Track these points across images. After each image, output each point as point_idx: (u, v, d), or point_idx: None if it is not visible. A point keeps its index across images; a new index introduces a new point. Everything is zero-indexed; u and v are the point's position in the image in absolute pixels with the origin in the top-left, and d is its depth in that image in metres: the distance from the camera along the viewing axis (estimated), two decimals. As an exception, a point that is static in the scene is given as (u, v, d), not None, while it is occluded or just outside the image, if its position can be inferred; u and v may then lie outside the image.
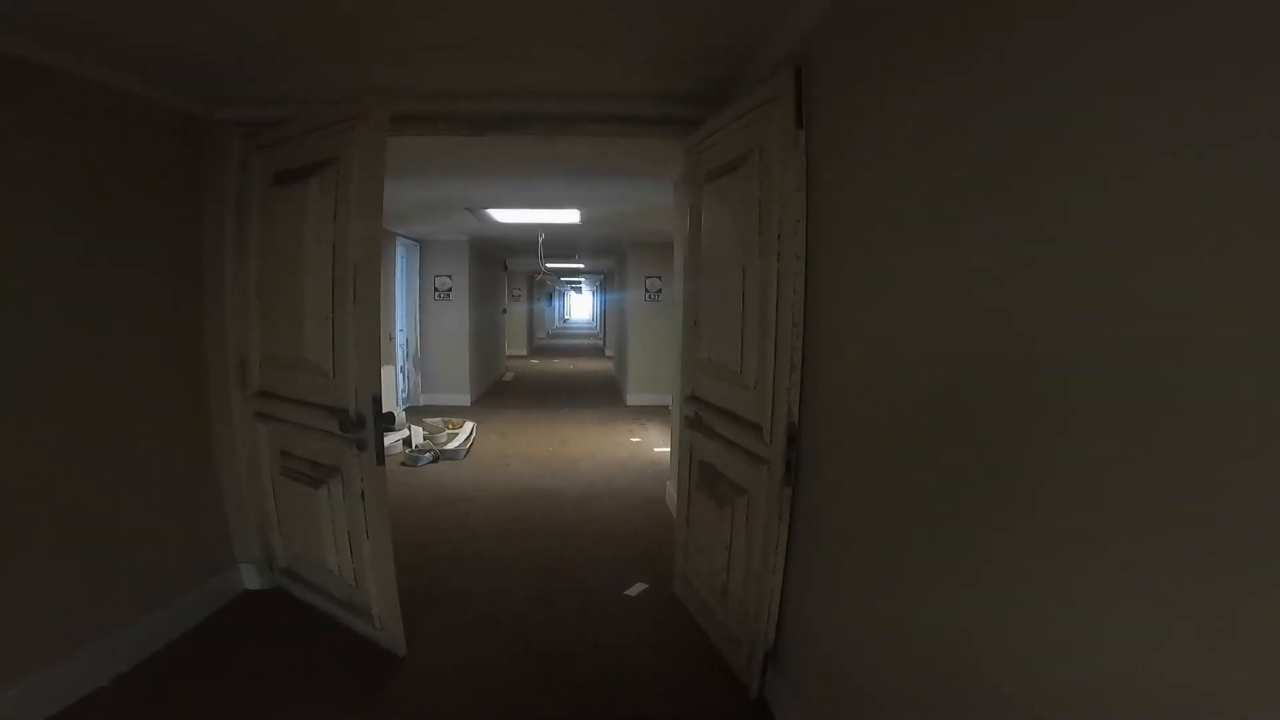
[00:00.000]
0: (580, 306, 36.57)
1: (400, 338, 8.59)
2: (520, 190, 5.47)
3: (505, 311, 13.85)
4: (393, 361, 7.90)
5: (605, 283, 19.94)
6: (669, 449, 6.99)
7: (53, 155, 2.33)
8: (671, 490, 4.94)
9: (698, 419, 2.83)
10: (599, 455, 6.57)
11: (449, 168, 4.52)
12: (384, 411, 2.41)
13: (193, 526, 3.04)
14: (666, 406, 9.20)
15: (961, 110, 1.30)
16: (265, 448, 2.98)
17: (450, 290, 9.15)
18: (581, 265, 15.54)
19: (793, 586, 2.24)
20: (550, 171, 4.64)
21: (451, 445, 6.52)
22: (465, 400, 9.23)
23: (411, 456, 6.06)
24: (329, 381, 2.53)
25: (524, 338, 17.89)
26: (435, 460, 6.16)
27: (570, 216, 6.87)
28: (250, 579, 3.32)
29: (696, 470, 2.91)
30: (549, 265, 14.39)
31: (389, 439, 6.58)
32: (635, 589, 3.55)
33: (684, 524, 3.17)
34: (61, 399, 2.36)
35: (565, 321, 34.05)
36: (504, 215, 6.74)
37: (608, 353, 17.74)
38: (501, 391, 10.89)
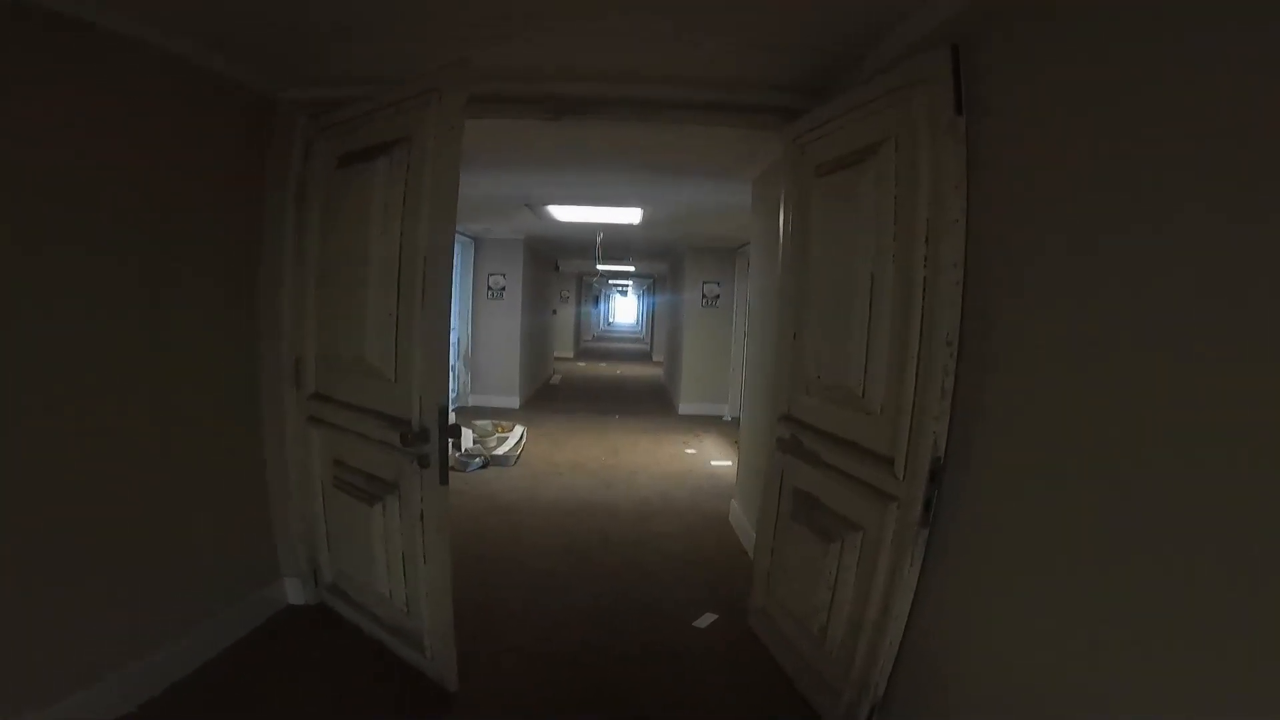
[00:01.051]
0: (625, 310, 36.37)
1: (451, 336, 8.42)
2: (583, 186, 5.21)
3: (555, 313, 13.68)
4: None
5: (654, 287, 19.67)
6: (728, 463, 6.67)
7: (112, 133, 2.13)
8: (737, 510, 4.60)
9: (795, 443, 2.50)
10: (653, 468, 6.26)
11: (514, 159, 4.27)
12: (450, 424, 2.14)
13: (237, 535, 2.83)
14: (721, 417, 8.87)
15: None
16: (318, 455, 2.75)
17: (504, 289, 8.97)
18: (632, 268, 15.29)
19: (916, 637, 1.90)
20: (618, 166, 4.36)
21: (501, 450, 6.29)
22: (514, 403, 9.03)
23: (460, 460, 5.85)
24: (391, 388, 2.27)
25: (571, 340, 17.73)
26: (485, 465, 5.94)
27: (631, 216, 6.59)
28: (294, 593, 3.10)
29: (790, 498, 2.57)
30: (602, 267, 14.17)
31: (438, 441, 6.39)
32: (704, 620, 3.23)
33: (766, 554, 2.84)
34: (104, 395, 2.16)
35: (610, 325, 33.89)
36: (564, 213, 6.50)
37: (655, 358, 17.44)
38: (550, 395, 10.68)
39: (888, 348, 1.93)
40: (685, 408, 9.08)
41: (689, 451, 6.94)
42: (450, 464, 5.87)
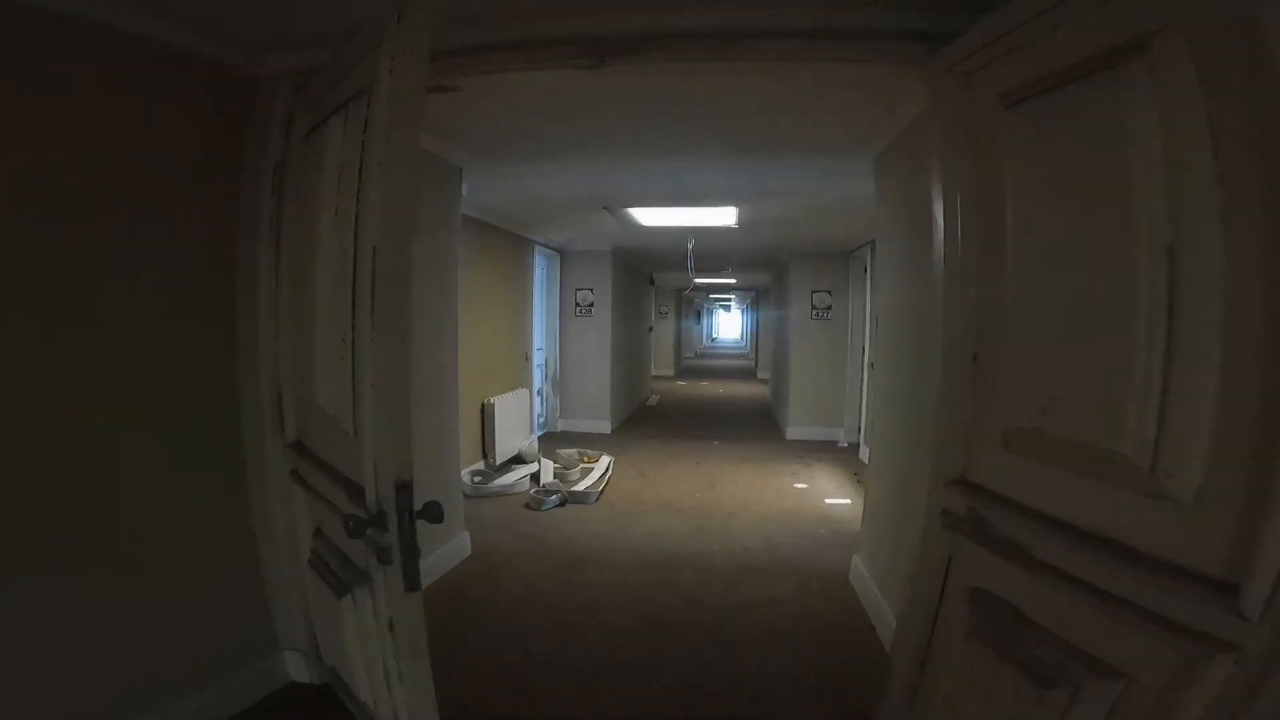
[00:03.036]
0: (728, 325, 35.35)
1: (538, 357, 7.91)
2: (662, 179, 4.44)
3: (651, 329, 13.00)
4: (528, 384, 7.19)
5: (757, 301, 18.63)
6: (846, 501, 5.65)
7: (47, 130, 1.68)
8: (861, 569, 3.63)
9: (978, 523, 1.57)
10: (755, 506, 5.34)
11: (568, 142, 3.58)
12: (432, 504, 1.42)
13: (223, 601, 2.30)
14: (835, 443, 7.78)
15: None
16: (300, 519, 2.12)
17: (592, 305, 8.36)
18: (733, 280, 14.38)
19: None
20: (697, 144, 3.56)
21: (581, 486, 5.60)
22: (605, 427, 8.37)
23: (536, 497, 5.20)
24: (350, 444, 1.58)
25: (671, 358, 17.00)
26: (563, 503, 5.25)
27: (725, 218, 5.77)
28: (296, 669, 2.52)
29: (965, 602, 1.64)
30: (698, 280, 13.38)
31: (514, 475, 5.80)
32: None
33: (913, 663, 1.91)
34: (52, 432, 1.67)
35: (713, 341, 32.98)
36: (647, 216, 5.77)
37: (760, 375, 16.38)
38: (645, 417, 9.96)
39: (1221, 387, 1.01)
40: (794, 431, 8.07)
41: (798, 486, 5.97)
42: (525, 502, 5.27)
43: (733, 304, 27.27)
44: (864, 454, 6.91)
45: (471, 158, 3.88)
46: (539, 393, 7.96)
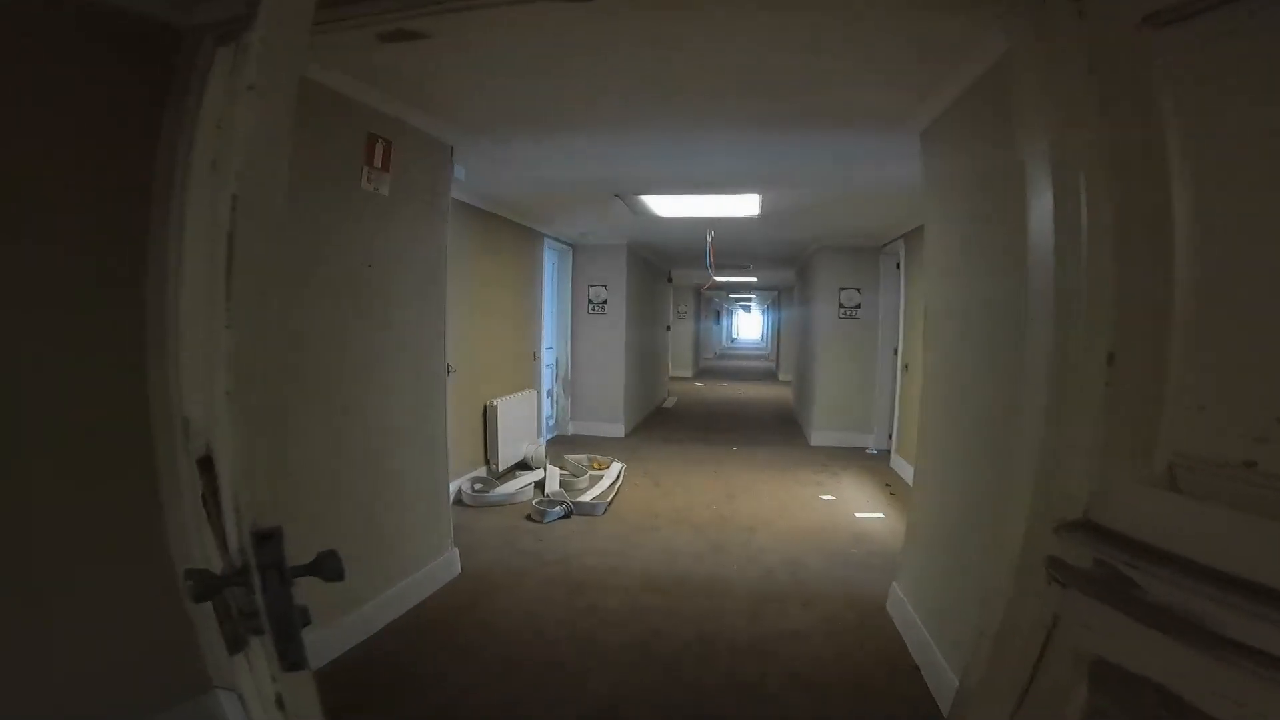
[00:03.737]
0: (749, 326, 34.78)
1: (548, 356, 7.50)
2: (679, 161, 4.01)
3: (669, 329, 12.56)
4: (536, 385, 6.78)
5: (778, 301, 18.11)
6: (879, 516, 5.16)
7: None
8: (901, 598, 3.17)
9: (1117, 582, 1.11)
10: (779, 522, 4.88)
11: (571, 111, 3.15)
12: (327, 555, 1.00)
13: (145, 636, 1.91)
14: (864, 449, 7.28)
15: None
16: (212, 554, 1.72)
17: (605, 303, 7.94)
18: (753, 279, 13.90)
19: None
20: (717, 113, 3.12)
21: (588, 496, 5.18)
22: (619, 431, 7.94)
23: (539, 509, 4.78)
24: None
25: (690, 358, 16.54)
26: (567, 515, 4.83)
27: (747, 207, 5.33)
28: (234, 711, 2.13)
29: (1090, 680, 1.18)
30: (718, 277, 12.91)
31: (516, 483, 5.39)
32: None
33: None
34: None
35: (733, 341, 32.44)
36: (663, 205, 5.34)
37: (782, 377, 15.87)
38: (661, 420, 9.51)
39: None
40: (819, 437, 7.58)
41: (825, 498, 5.49)
42: (527, 513, 4.86)
43: (753, 304, 26.75)
44: (896, 463, 6.41)
45: (462, 135, 3.47)
46: (549, 394, 7.56)
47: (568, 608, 3.41)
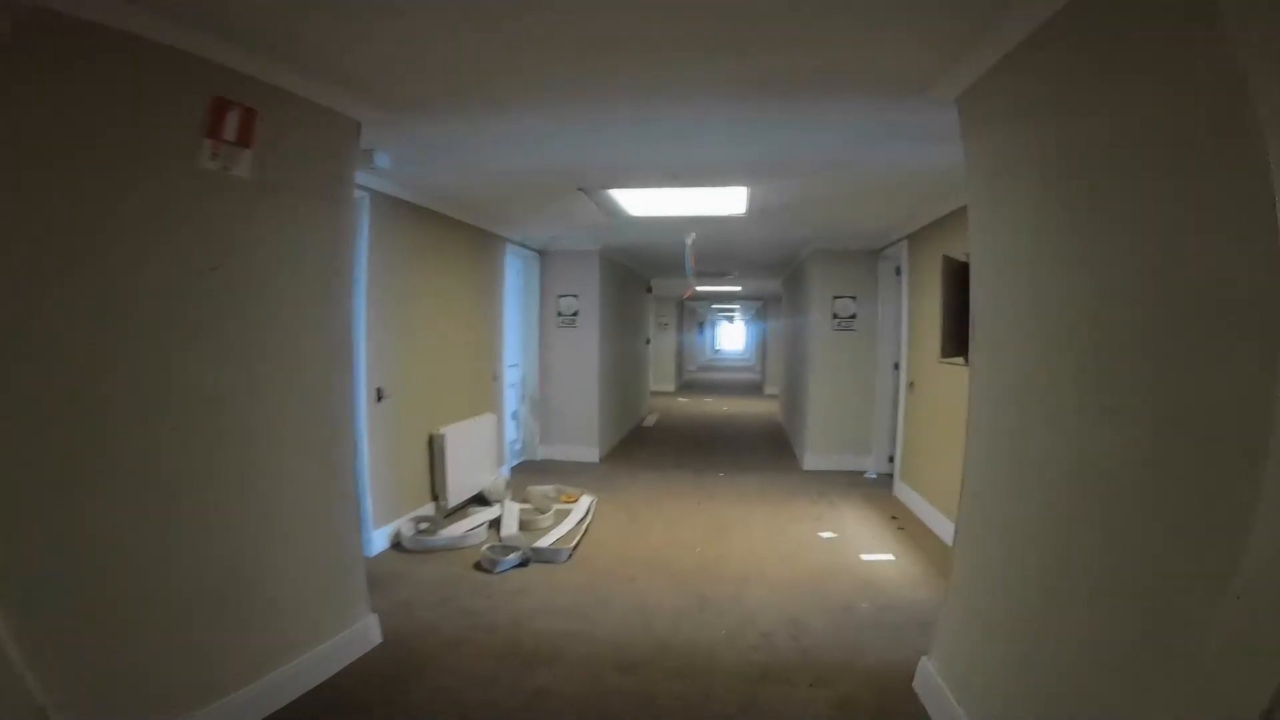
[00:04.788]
0: (732, 337, 34.19)
1: (512, 375, 6.77)
2: (652, 143, 3.33)
3: (649, 342, 11.87)
4: (496, 408, 6.05)
5: (763, 311, 17.50)
6: (887, 557, 4.42)
7: None
8: (935, 678, 2.47)
9: None
10: (774, 567, 4.17)
11: (504, 74, 2.46)
12: None
13: None
14: (862, 473, 6.60)
15: None
16: None
17: (576, 315, 7.23)
18: (737, 288, 13.27)
19: None
20: (693, 75, 2.45)
21: (550, 538, 4.44)
22: (592, 455, 7.21)
23: (490, 556, 4.04)
24: None
25: (672, 372, 15.84)
26: (524, 564, 4.09)
27: (732, 203, 4.66)
28: None
29: None
30: (699, 286, 12.25)
31: (466, 523, 4.65)
32: None
33: None
34: None
35: (717, 352, 31.82)
36: (635, 201, 4.66)
37: (768, 390, 15.22)
38: (641, 441, 8.79)
39: None
40: (812, 460, 6.90)
41: (825, 535, 4.79)
42: (476, 560, 4.11)
43: (737, 314, 26.16)
44: (901, 490, 5.74)
45: (377, 110, 2.78)
46: (513, 416, 6.82)
47: (513, 690, 2.69)
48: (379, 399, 4.12)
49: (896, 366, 6.34)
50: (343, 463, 2.78)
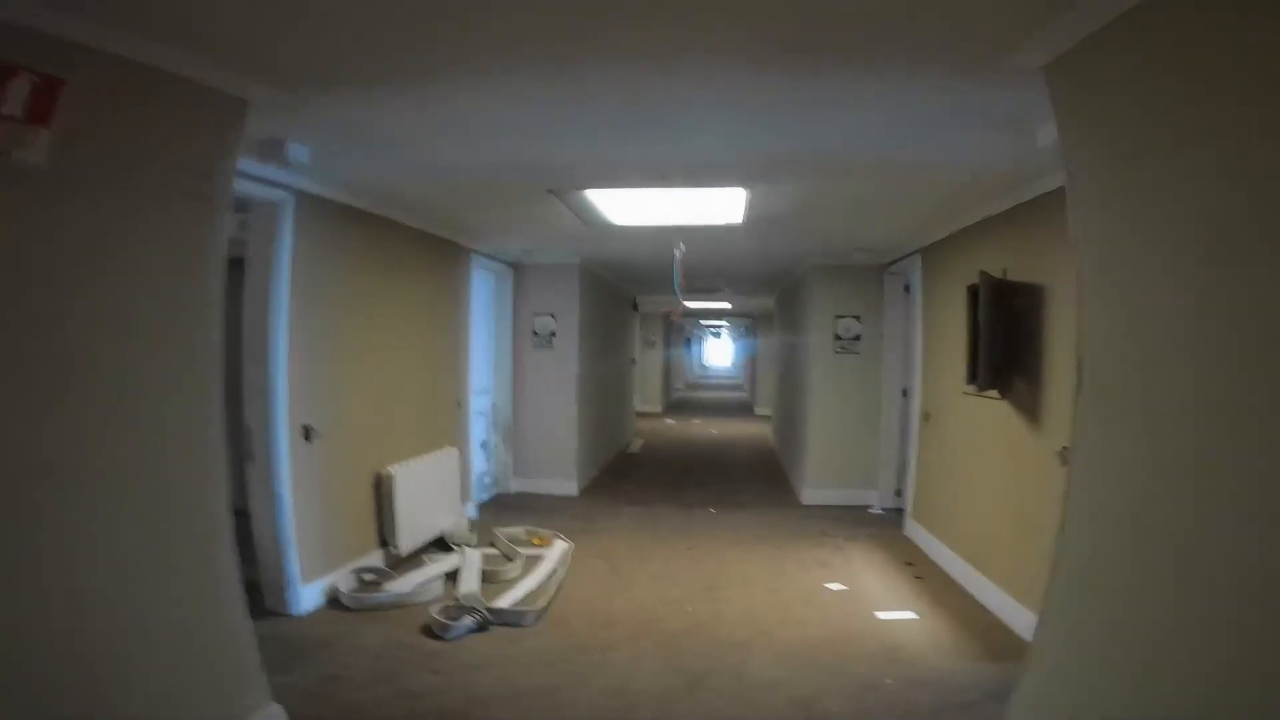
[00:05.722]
0: (719, 353, 33.69)
1: (481, 402, 6.14)
2: (636, 132, 2.76)
3: (634, 363, 11.28)
4: (460, 440, 5.41)
5: (754, 328, 16.98)
6: (908, 615, 3.72)
7: None
8: None
9: None
10: (780, 629, 3.55)
11: (458, 45, 1.88)
12: None
13: None
14: (867, 508, 6.01)
15: None
16: None
17: (554, 335, 6.63)
18: (727, 305, 12.73)
19: None
20: (705, 38, 1.88)
21: (516, 594, 3.80)
22: (571, 488, 6.58)
23: (440, 620, 3.38)
24: None
25: (659, 392, 15.23)
26: (482, 628, 3.44)
27: (729, 211, 4.11)
28: None
29: None
30: (688, 303, 11.70)
31: (421, 573, 4.00)
32: None
33: None
34: None
35: (704, 369, 31.27)
36: (616, 207, 4.08)
37: (759, 410, 14.66)
38: (625, 471, 8.15)
39: None
40: (812, 494, 6.30)
41: (834, 588, 4.18)
42: (425, 622, 3.21)
43: (724, 331, 25.66)
44: (913, 530, 5.15)
45: (263, 85, 2.18)
46: (483, 447, 6.17)
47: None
48: (307, 438, 3.48)
49: (905, 393, 5.79)
50: (217, 523, 2.15)
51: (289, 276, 3.26)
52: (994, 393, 3.60)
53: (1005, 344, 3.47)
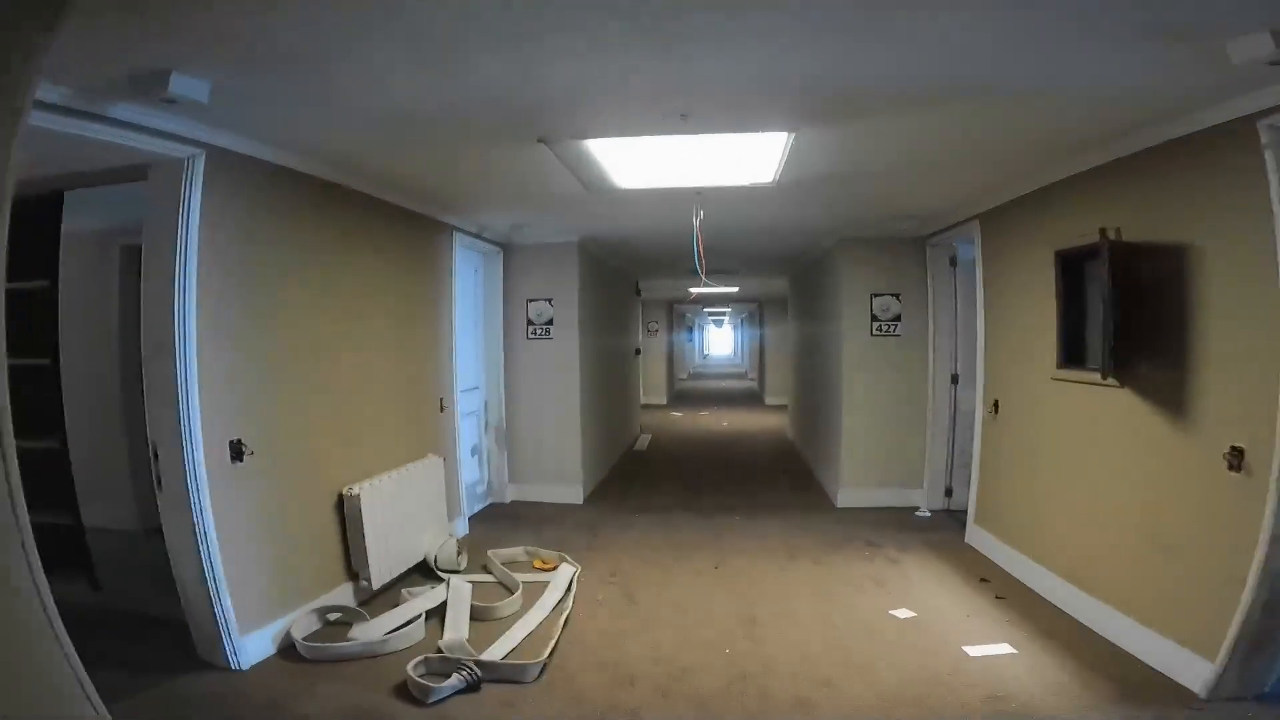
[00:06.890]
0: (720, 341, 32.91)
1: (472, 400, 5.42)
2: (650, 50, 2.00)
3: (639, 352, 10.54)
4: (445, 446, 4.68)
5: (759, 314, 16.21)
6: (1006, 650, 2.93)
7: None
8: None
9: None
10: (845, 679, 2.84)
11: None
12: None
13: None
14: (913, 511, 5.29)
15: None
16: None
17: (550, 323, 5.89)
18: (734, 289, 11.95)
19: None
20: None
21: (511, 643, 3.08)
22: (575, 495, 5.86)
23: (417, 681, 2.67)
24: None
25: (663, 382, 14.52)
26: (471, 687, 2.73)
27: (757, 166, 3.36)
28: None
29: None
30: (701, 289, 10.90)
31: (400, 613, 3.29)
32: None
33: None
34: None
35: (706, 357, 30.50)
36: (622, 163, 3.32)
37: (769, 400, 13.94)
38: (633, 471, 7.44)
39: None
40: (847, 495, 5.59)
41: (901, 615, 3.46)
42: (402, 680, 2.60)
43: (726, 318, 24.85)
44: (976, 537, 4.44)
45: None
46: (473, 453, 5.44)
47: None
48: (237, 457, 2.74)
49: (955, 379, 5.08)
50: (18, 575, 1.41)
51: (197, 250, 2.51)
52: (1111, 379, 2.87)
53: (1125, 320, 2.75)
